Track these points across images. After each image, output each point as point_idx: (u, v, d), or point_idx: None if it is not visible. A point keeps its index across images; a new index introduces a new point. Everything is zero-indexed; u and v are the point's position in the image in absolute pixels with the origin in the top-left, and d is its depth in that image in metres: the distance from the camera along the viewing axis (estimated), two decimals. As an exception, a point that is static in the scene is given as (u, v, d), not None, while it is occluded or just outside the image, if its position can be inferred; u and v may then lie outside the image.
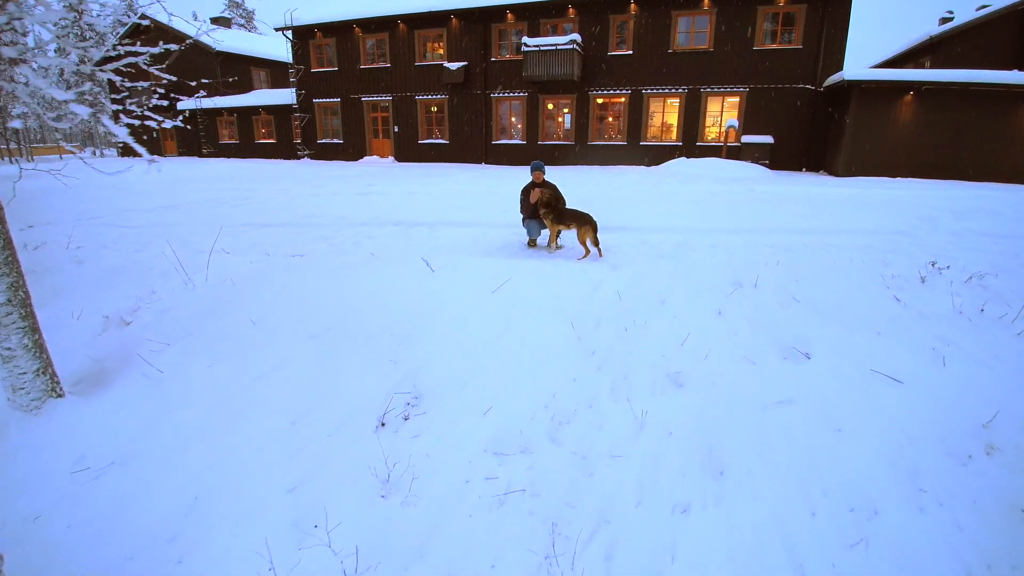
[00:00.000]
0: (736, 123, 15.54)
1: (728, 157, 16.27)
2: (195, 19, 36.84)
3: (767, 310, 4.01)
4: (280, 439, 3.49)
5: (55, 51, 59.28)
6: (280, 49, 29.51)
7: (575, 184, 11.69)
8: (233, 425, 3.68)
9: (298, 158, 24.44)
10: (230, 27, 34.59)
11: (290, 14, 22.17)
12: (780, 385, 3.25)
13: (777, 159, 17.01)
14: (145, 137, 32.60)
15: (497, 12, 19.11)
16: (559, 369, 3.67)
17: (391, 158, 22.20)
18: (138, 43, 4.73)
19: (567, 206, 6.49)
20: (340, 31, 21.80)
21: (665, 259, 5.65)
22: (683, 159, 15.75)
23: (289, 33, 22.69)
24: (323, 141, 23.65)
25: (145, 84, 5.02)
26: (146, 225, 9.39)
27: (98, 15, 45.46)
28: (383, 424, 3.52)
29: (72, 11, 56.57)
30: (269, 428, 3.59)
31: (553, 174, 14.10)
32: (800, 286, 4.25)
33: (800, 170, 17.11)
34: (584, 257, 5.85)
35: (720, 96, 17.49)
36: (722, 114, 17.67)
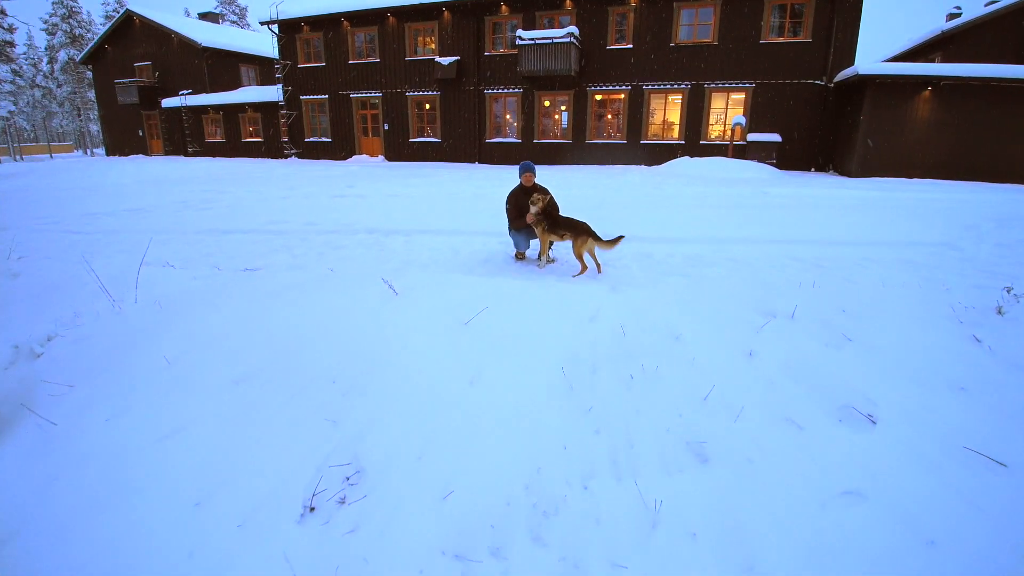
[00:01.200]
0: (743, 120, 14.72)
1: (734, 156, 15.44)
2: (187, 16, 35.86)
3: (811, 352, 3.17)
4: (178, 527, 2.63)
5: (45, 48, 58.25)
6: (270, 45, 28.67)
7: (572, 186, 10.85)
8: (126, 503, 2.83)
9: (285, 157, 23.55)
10: (219, 23, 33.66)
11: (276, 7, 21.28)
12: (841, 465, 2.41)
13: (785, 158, 16.19)
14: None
15: (491, 4, 18.25)
16: (545, 432, 2.83)
17: (381, 157, 21.33)
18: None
19: (561, 213, 5.65)
20: (328, 25, 20.92)
21: (675, 277, 4.81)
22: (686, 158, 14.92)
23: (275, 27, 21.80)
24: (311, 140, 22.76)
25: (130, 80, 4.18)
26: (102, 231, 8.53)
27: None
28: (311, 509, 2.66)
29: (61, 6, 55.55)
30: (168, 510, 2.74)
31: (549, 174, 13.26)
32: (848, 319, 3.42)
33: (809, 170, 16.29)
34: (580, 274, 5.00)
35: (725, 92, 16.65)
36: (727, 111, 16.83)
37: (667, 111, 17.42)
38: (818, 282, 4.24)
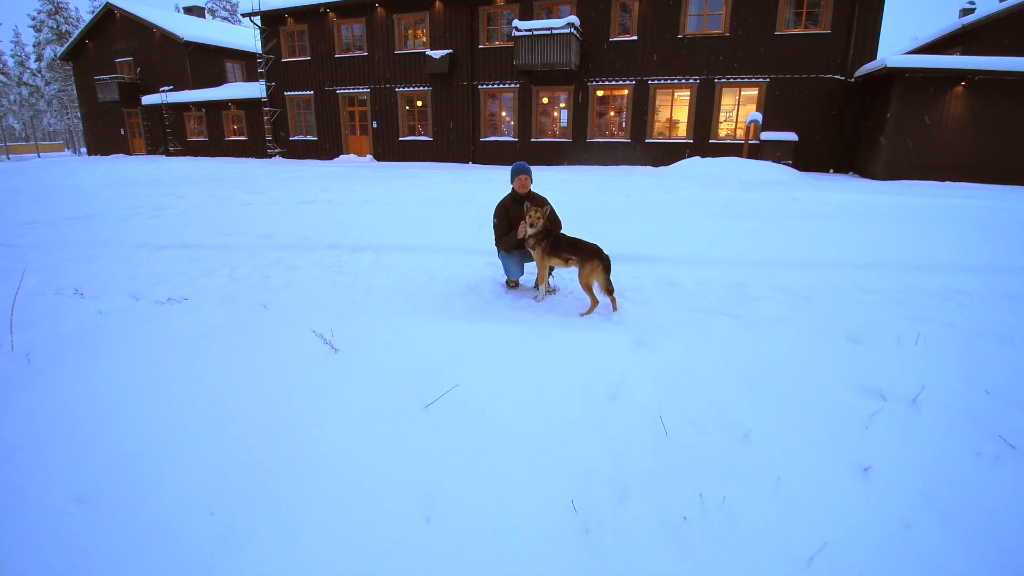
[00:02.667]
0: (759, 117, 13.57)
1: (749, 156, 14.28)
2: (178, 11, 34.56)
3: (963, 472, 2.01)
4: None
5: (33, 45, 56.98)
6: (257, 40, 27.43)
7: (573, 189, 9.68)
8: None
9: (269, 157, 22.33)
10: (204, 16, 32.39)
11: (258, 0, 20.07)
12: None
13: (801, 159, 15.03)
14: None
15: (485, -7, 17.06)
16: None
17: (369, 156, 20.13)
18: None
19: (563, 227, 4.47)
20: (313, 16, 19.70)
21: (717, 318, 3.64)
22: (697, 158, 13.75)
23: (258, 19, 20.57)
24: (296, 138, 21.55)
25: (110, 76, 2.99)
26: (32, 244, 7.33)
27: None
28: None
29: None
30: None
31: (548, 175, 12.07)
32: (1002, 408, 2.27)
33: (827, 171, 15.14)
34: (589, 312, 3.83)
35: (736, 87, 15.49)
36: (738, 107, 15.67)
37: (674, 108, 16.26)
38: (923, 335, 3.07)
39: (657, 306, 3.96)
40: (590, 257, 3.73)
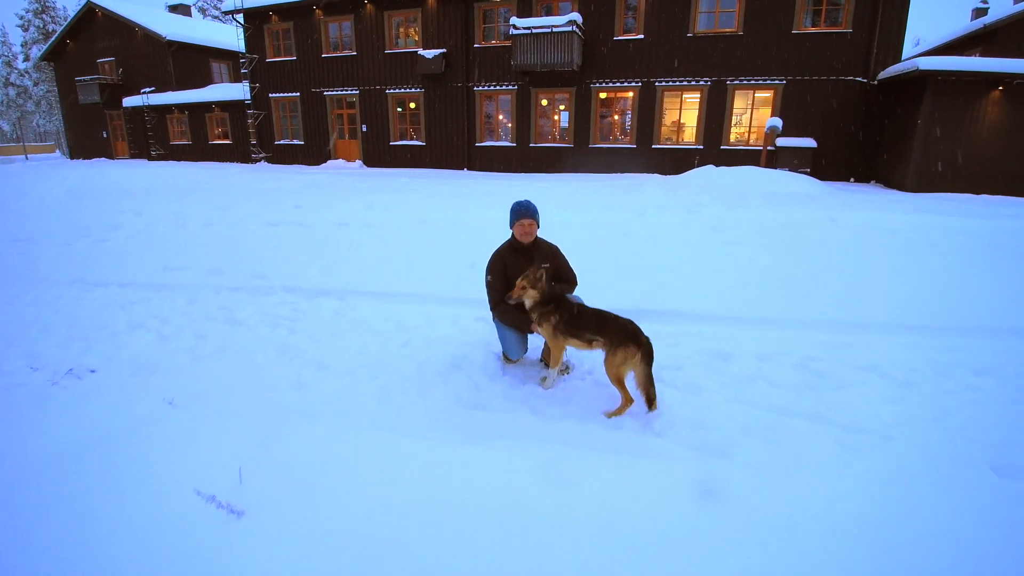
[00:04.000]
0: (779, 123, 12.53)
1: (767, 165, 13.26)
2: (168, 11, 33.28)
3: None
4: None
5: (21, 45, 55.72)
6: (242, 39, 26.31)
7: (576, 206, 8.62)
8: None
9: (254, 161, 21.22)
10: (190, 15, 31.24)
11: (240, -6, 18.94)
12: None
13: (819, 166, 14.02)
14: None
15: (481, -11, 15.99)
16: None
17: (359, 162, 19.04)
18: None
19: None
20: (298, 13, 18.59)
21: (802, 424, 2.60)
22: (710, 167, 12.73)
23: (240, 17, 19.46)
24: (281, 142, 20.44)
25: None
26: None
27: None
28: None
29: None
30: None
31: (548, 185, 10.91)
32: None
33: (848, 180, 14.13)
34: (619, 412, 2.78)
35: (750, 90, 14.47)
36: (752, 111, 14.65)
37: (683, 111, 15.22)
38: None
39: (709, 397, 2.91)
40: (623, 341, 2.68)
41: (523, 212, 3.18)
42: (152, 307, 4.71)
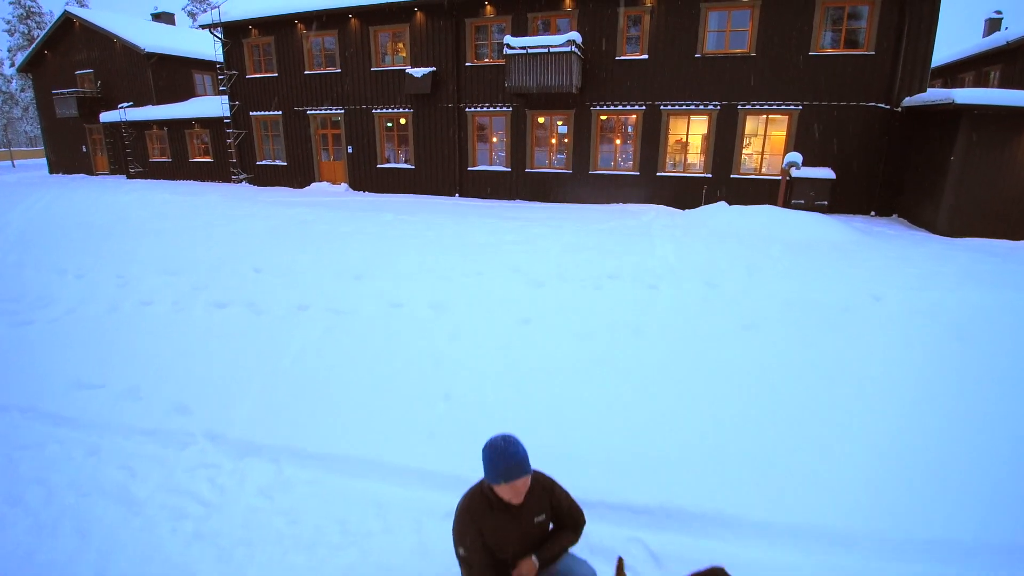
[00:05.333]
0: (799, 159, 11.43)
1: (785, 198, 12.17)
2: (155, 9, 31.93)
3: None
4: None
5: (8, 50, 54.53)
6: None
7: (574, 264, 7.50)
8: None
9: (236, 182, 20.08)
10: (173, 23, 30.09)
11: (219, 9, 17.83)
12: None
13: (837, 198, 12.96)
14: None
15: (473, 3, 14.89)
16: None
17: (344, 185, 17.93)
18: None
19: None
20: (279, 27, 17.48)
21: None
22: (723, 205, 11.63)
23: (219, 31, 18.33)
24: (263, 163, 19.31)
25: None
26: None
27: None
28: None
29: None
30: None
31: (543, 216, 9.38)
32: None
33: (868, 213, 13.06)
34: None
35: (762, 115, 13.39)
36: (765, 138, 13.57)
37: (690, 137, 14.14)
38: None
39: None
40: None
41: (513, 469, 2.03)
42: (41, 463, 3.61)
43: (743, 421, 4.26)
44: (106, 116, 23.72)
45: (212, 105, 20.98)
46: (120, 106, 23.26)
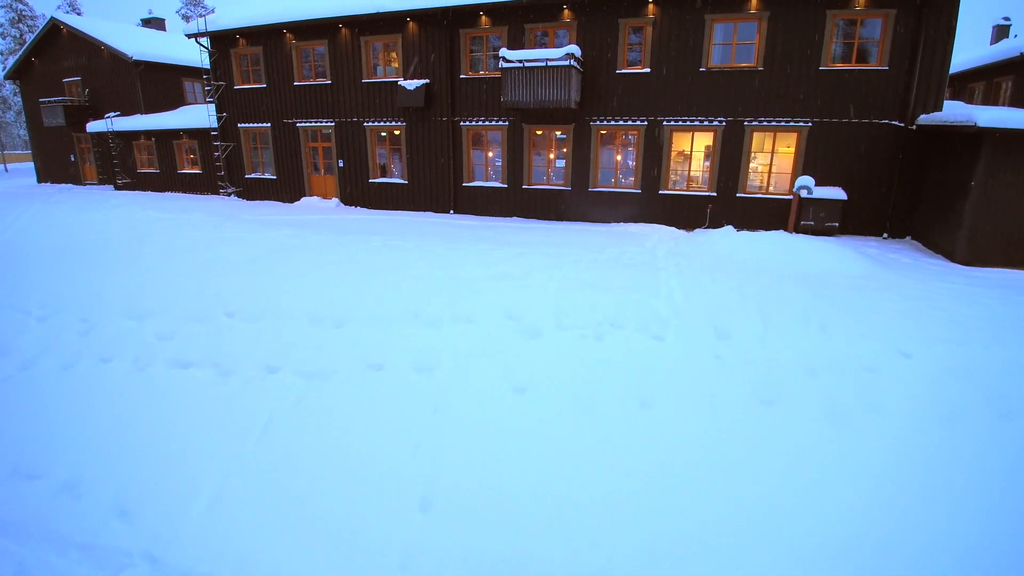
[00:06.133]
0: (811, 183, 10.86)
1: (796, 220, 11.60)
2: (150, 13, 31.24)
3: None
4: None
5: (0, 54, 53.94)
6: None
7: (568, 282, 6.92)
8: None
9: (225, 196, 19.48)
10: (164, 29, 29.47)
11: (205, 19, 17.23)
12: None
13: (848, 219, 12.40)
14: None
15: (467, 13, 14.31)
16: None
17: (335, 200, 17.34)
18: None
19: None
20: (268, 37, 16.88)
21: None
22: (730, 230, 11.06)
23: (205, 40, 17.72)
24: (252, 176, 18.71)
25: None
26: None
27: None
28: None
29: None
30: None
31: (537, 237, 8.62)
32: None
33: (880, 235, 12.49)
34: None
35: (770, 132, 12.82)
36: (773, 156, 12.99)
37: (694, 154, 13.57)
38: None
39: None
40: None
41: None
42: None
43: (765, 524, 3.69)
44: (92, 126, 23.12)
45: (200, 115, 20.36)
46: (107, 116, 22.66)
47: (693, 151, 13.51)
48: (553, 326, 6.53)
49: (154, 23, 29.18)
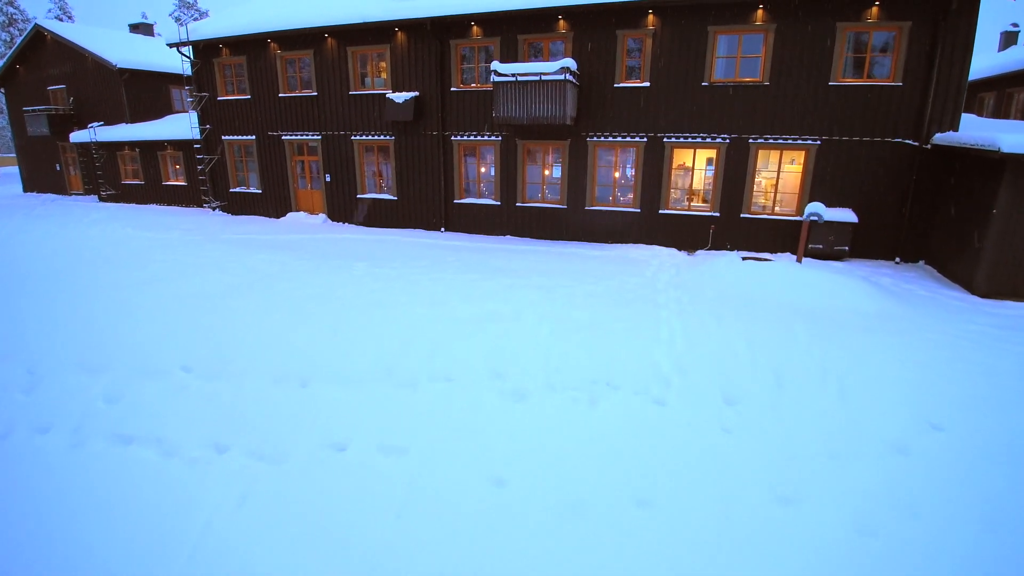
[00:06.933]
0: (821, 210, 10.19)
1: (804, 245, 10.93)
2: (144, 17, 30.41)
3: None
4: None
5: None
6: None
7: (560, 324, 6.27)
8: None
9: (211, 210, 18.82)
10: (152, 34, 28.78)
11: (186, 28, 16.57)
12: None
13: (858, 242, 11.76)
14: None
15: (458, 24, 13.66)
16: None
17: (322, 216, 16.68)
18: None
19: None
20: (252, 47, 16.22)
21: None
22: (734, 259, 10.40)
23: (188, 50, 17.06)
24: (237, 190, 18.04)
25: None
26: None
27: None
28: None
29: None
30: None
31: (531, 264, 7.65)
32: None
33: (893, 260, 11.83)
34: None
35: (776, 150, 12.16)
36: (779, 174, 12.34)
37: (695, 171, 12.92)
38: None
39: None
40: None
41: None
42: None
43: None
44: (76, 136, 22.45)
45: (185, 125, 19.68)
46: (90, 126, 21.99)
47: (695, 169, 12.86)
48: (542, 385, 5.89)
49: (142, 28, 28.46)
